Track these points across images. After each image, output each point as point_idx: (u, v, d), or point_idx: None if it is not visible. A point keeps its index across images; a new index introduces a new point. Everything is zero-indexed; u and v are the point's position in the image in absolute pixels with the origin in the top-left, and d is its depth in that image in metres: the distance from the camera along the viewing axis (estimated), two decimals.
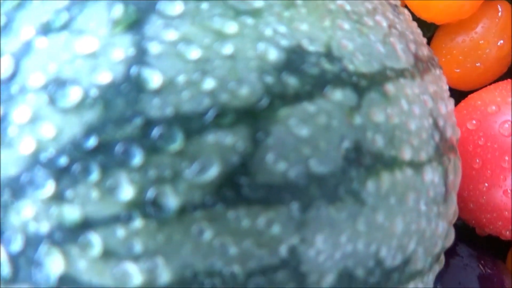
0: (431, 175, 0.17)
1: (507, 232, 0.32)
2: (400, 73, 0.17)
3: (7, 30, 0.13)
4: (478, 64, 0.35)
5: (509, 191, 0.30)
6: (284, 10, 0.15)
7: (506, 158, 0.30)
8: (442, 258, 0.20)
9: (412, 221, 0.16)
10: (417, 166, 0.16)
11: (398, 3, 0.22)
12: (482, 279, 0.32)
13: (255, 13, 0.14)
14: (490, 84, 0.34)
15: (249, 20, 0.14)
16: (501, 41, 0.34)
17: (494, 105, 0.33)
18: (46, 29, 0.13)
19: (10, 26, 0.13)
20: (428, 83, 0.19)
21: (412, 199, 0.16)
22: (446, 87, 0.21)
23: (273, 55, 0.14)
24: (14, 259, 0.12)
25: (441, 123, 0.19)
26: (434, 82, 0.19)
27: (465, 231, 0.36)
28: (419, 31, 0.21)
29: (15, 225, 0.12)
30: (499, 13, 0.34)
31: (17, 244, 0.12)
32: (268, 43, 0.14)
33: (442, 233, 0.18)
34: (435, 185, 0.17)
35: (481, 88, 0.34)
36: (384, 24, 0.18)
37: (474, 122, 0.32)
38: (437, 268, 0.20)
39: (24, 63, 0.13)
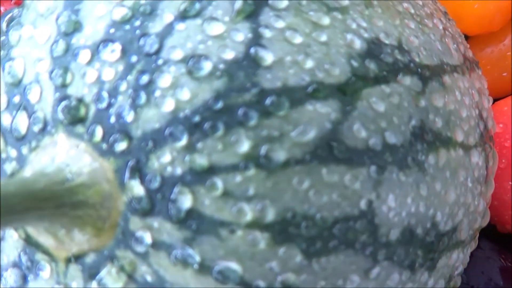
0: (476, 157, 0.20)
1: None
2: (454, 68, 0.20)
3: (152, 16, 0.16)
4: (504, 74, 0.38)
5: None
6: (365, 9, 0.18)
7: None
8: (477, 237, 0.23)
9: (461, 194, 0.19)
10: (466, 148, 0.19)
11: (446, 10, 0.25)
12: (503, 271, 0.34)
13: (343, 10, 0.17)
14: None
15: (339, 15, 0.17)
16: None
17: None
18: (183, 16, 0.16)
19: (155, 13, 0.16)
20: (474, 80, 0.22)
21: (462, 175, 0.19)
22: (486, 85, 0.24)
23: (358, 44, 0.17)
24: (152, 195, 0.15)
25: (484, 115, 0.21)
26: (479, 80, 0.22)
27: (487, 228, 0.39)
28: (463, 35, 0.24)
29: (155, 168, 0.15)
30: None
31: (155, 183, 0.15)
32: (353, 34, 0.17)
33: (482, 211, 0.21)
34: (479, 167, 0.20)
35: (507, 96, 0.37)
36: (440, 26, 0.21)
37: (501, 125, 0.35)
38: (473, 245, 0.23)
39: (167, 41, 0.16)
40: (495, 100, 0.37)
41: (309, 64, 0.16)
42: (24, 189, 0.14)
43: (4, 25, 0.20)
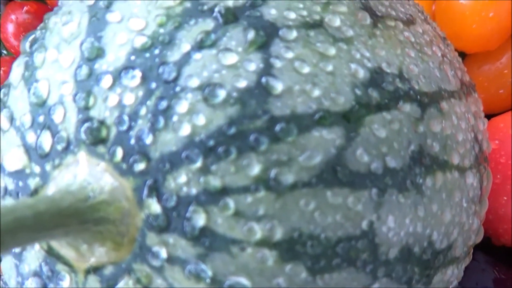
0: (471, 179, 0.21)
1: None
2: (451, 94, 0.21)
3: (170, 45, 0.17)
4: (501, 91, 0.39)
5: None
6: (368, 39, 0.19)
7: None
8: (471, 253, 0.24)
9: (457, 214, 0.20)
10: (462, 170, 0.20)
11: (445, 34, 0.26)
12: (497, 282, 0.35)
13: (348, 40, 0.18)
14: (511, 109, 0.38)
15: (344, 46, 0.18)
16: None
17: None
18: (200, 46, 0.17)
19: (173, 42, 0.17)
20: (470, 104, 0.23)
21: (457, 196, 0.20)
22: (481, 108, 0.25)
23: (361, 73, 0.18)
24: (168, 213, 0.16)
25: (480, 137, 0.23)
26: (475, 103, 0.23)
27: (483, 240, 0.40)
28: (460, 60, 0.25)
29: (172, 188, 0.16)
30: None
31: (172, 202, 0.16)
32: (357, 64, 0.18)
33: (476, 229, 0.22)
34: (474, 188, 0.21)
35: (502, 112, 0.38)
36: (439, 53, 0.22)
37: (496, 142, 0.36)
38: (467, 260, 0.24)
39: (184, 70, 0.17)
40: (491, 116, 0.38)
41: (316, 93, 0.17)
42: (53, 207, 0.15)
43: (27, 45, 0.21)
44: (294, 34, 0.17)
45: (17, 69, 0.20)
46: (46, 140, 0.18)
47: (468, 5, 0.35)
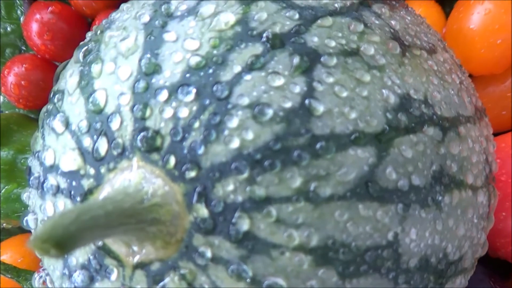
0: (482, 197, 0.23)
1: None
2: (467, 119, 0.23)
3: (223, 65, 0.19)
4: (504, 112, 0.41)
5: None
6: (398, 68, 0.21)
7: None
8: (475, 264, 0.26)
9: (468, 229, 0.22)
10: (474, 189, 0.22)
11: (460, 61, 0.28)
12: None
13: (381, 68, 0.20)
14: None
15: (377, 73, 0.20)
16: None
17: None
18: (250, 68, 0.19)
19: (225, 63, 0.19)
20: (483, 128, 0.25)
21: (470, 212, 0.22)
22: (491, 131, 0.27)
23: (392, 99, 0.20)
24: (215, 217, 0.18)
25: (490, 159, 0.25)
26: (486, 127, 0.26)
27: None
28: (473, 86, 0.27)
29: (220, 195, 0.18)
30: None
31: (219, 208, 0.18)
32: (389, 90, 0.20)
33: (482, 243, 0.24)
34: (483, 205, 0.23)
35: (504, 132, 0.40)
36: (457, 81, 0.24)
37: (498, 160, 0.38)
38: (472, 271, 0.26)
39: (236, 89, 0.18)
40: (493, 136, 0.40)
41: (353, 115, 0.19)
42: (117, 207, 0.17)
43: (80, 55, 0.23)
44: (334, 60, 0.19)
45: (72, 78, 0.22)
46: (102, 145, 0.20)
47: (477, 31, 0.37)
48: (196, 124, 0.18)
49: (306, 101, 0.18)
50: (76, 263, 0.21)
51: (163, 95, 0.19)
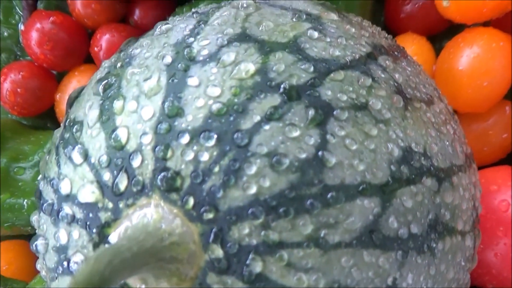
0: (469, 241, 0.25)
1: (491, 286, 0.40)
2: (459, 168, 0.25)
3: (243, 114, 0.20)
4: (485, 149, 0.43)
5: (499, 254, 0.38)
6: (402, 121, 0.22)
7: (501, 228, 0.39)
8: None
9: (457, 271, 0.24)
10: (463, 234, 0.24)
11: (452, 109, 0.30)
12: None
13: (386, 122, 0.22)
14: (492, 165, 0.43)
15: (383, 127, 0.21)
16: (505, 135, 0.43)
17: (495, 184, 0.41)
18: (269, 118, 0.20)
19: (246, 112, 0.20)
20: (471, 175, 0.27)
21: (458, 257, 0.24)
22: (478, 177, 0.29)
23: (396, 152, 0.21)
24: (230, 257, 0.19)
25: (476, 204, 0.26)
26: (474, 174, 0.27)
27: None
28: (463, 133, 0.29)
29: (235, 237, 0.19)
30: (507, 113, 0.43)
31: (234, 249, 0.19)
32: (393, 144, 0.21)
33: (467, 282, 0.26)
34: (470, 248, 0.25)
35: (485, 167, 0.43)
36: (451, 131, 0.26)
37: None
38: None
39: (255, 138, 0.20)
40: None
41: (361, 167, 0.20)
42: (141, 248, 0.18)
43: (101, 89, 0.23)
44: (346, 114, 0.21)
45: (92, 111, 0.23)
46: (122, 181, 0.21)
47: (466, 73, 0.39)
48: (216, 169, 0.20)
49: (320, 153, 0.20)
50: None
51: (185, 138, 0.20)
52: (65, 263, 0.22)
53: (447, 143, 0.24)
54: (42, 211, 0.24)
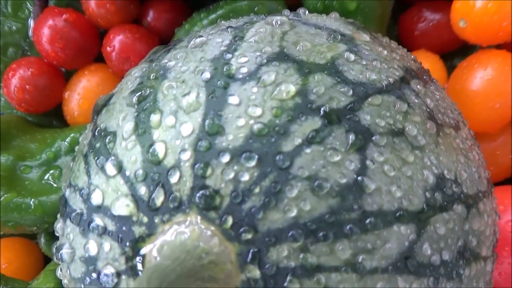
0: (489, 266, 0.25)
1: None
2: (484, 195, 0.25)
3: (285, 135, 0.20)
4: (492, 168, 0.44)
5: (503, 273, 0.39)
6: (435, 148, 0.23)
7: (506, 248, 0.39)
8: None
9: None
10: (485, 259, 0.25)
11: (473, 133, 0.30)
12: None
13: (421, 148, 0.22)
14: (498, 185, 0.44)
15: (419, 154, 0.22)
16: None
17: (501, 205, 0.42)
18: (310, 142, 0.20)
19: (287, 134, 0.20)
20: (492, 200, 0.27)
21: (481, 281, 0.24)
22: (496, 202, 0.29)
23: (431, 179, 0.22)
24: (267, 279, 0.19)
25: (496, 229, 0.27)
26: (494, 199, 0.28)
27: None
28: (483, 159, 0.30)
29: (273, 259, 0.19)
30: None
31: (272, 271, 0.19)
32: (428, 171, 0.22)
33: None
34: (489, 272, 0.26)
35: None
36: (477, 157, 0.26)
37: None
38: None
39: (296, 161, 0.20)
40: None
41: (398, 194, 0.20)
42: (183, 268, 0.18)
43: (135, 100, 0.23)
44: (384, 140, 0.21)
45: (127, 123, 0.22)
46: (159, 197, 0.20)
47: (479, 93, 0.40)
48: (257, 190, 0.20)
49: (359, 178, 0.20)
50: None
51: (226, 157, 0.20)
52: (93, 275, 0.22)
53: (474, 169, 0.25)
54: (69, 220, 0.23)
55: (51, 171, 0.42)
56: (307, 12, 0.29)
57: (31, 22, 0.50)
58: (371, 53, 0.24)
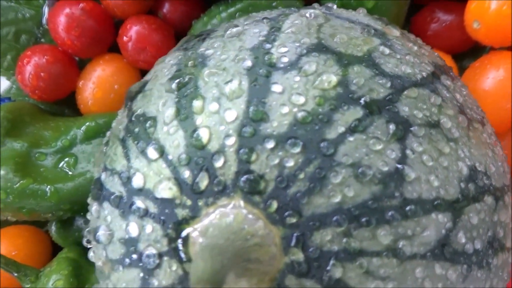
0: (511, 257, 0.26)
1: None
2: (508, 188, 0.26)
3: (328, 124, 0.21)
4: None
5: None
6: (467, 140, 0.23)
7: None
8: None
9: (503, 286, 0.25)
10: (509, 250, 0.25)
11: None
12: None
13: (456, 140, 0.23)
14: None
15: (454, 145, 0.22)
16: None
17: None
18: (353, 130, 0.21)
19: (330, 122, 0.21)
20: None
21: (506, 271, 0.25)
22: None
23: (465, 170, 0.22)
24: (310, 262, 0.20)
25: None
26: None
27: None
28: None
29: (317, 242, 0.20)
30: None
31: (315, 254, 0.20)
32: (462, 162, 0.22)
33: None
34: (509, 264, 0.26)
35: None
36: (501, 152, 0.27)
37: None
38: None
39: (340, 148, 0.20)
40: None
41: (436, 183, 0.21)
42: (234, 248, 0.18)
43: (174, 86, 0.24)
44: (422, 131, 0.22)
45: (168, 108, 0.23)
46: (203, 180, 0.21)
47: (491, 93, 0.41)
48: (301, 175, 0.20)
49: (400, 167, 0.21)
50: (157, 285, 0.22)
51: (271, 143, 0.21)
52: (134, 256, 0.22)
53: (499, 163, 0.26)
54: (107, 202, 0.24)
55: (66, 159, 0.42)
56: (335, 6, 0.29)
57: (46, 10, 0.50)
58: (403, 48, 0.25)
